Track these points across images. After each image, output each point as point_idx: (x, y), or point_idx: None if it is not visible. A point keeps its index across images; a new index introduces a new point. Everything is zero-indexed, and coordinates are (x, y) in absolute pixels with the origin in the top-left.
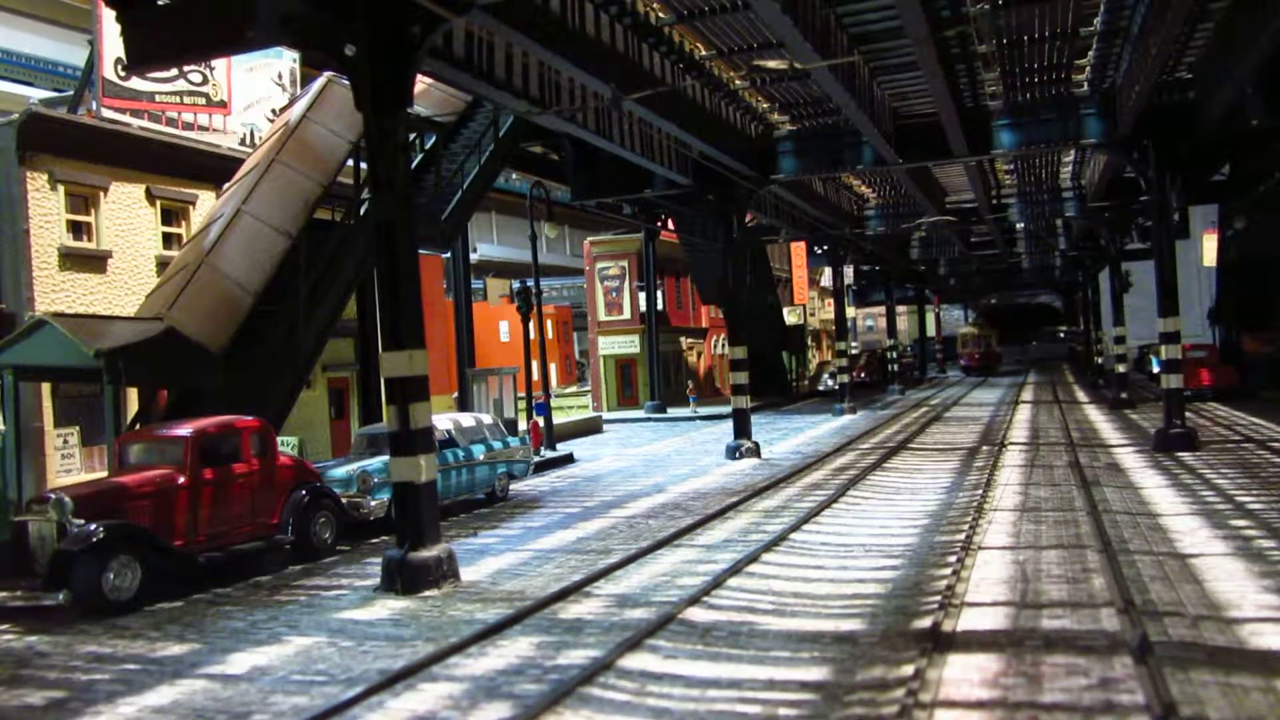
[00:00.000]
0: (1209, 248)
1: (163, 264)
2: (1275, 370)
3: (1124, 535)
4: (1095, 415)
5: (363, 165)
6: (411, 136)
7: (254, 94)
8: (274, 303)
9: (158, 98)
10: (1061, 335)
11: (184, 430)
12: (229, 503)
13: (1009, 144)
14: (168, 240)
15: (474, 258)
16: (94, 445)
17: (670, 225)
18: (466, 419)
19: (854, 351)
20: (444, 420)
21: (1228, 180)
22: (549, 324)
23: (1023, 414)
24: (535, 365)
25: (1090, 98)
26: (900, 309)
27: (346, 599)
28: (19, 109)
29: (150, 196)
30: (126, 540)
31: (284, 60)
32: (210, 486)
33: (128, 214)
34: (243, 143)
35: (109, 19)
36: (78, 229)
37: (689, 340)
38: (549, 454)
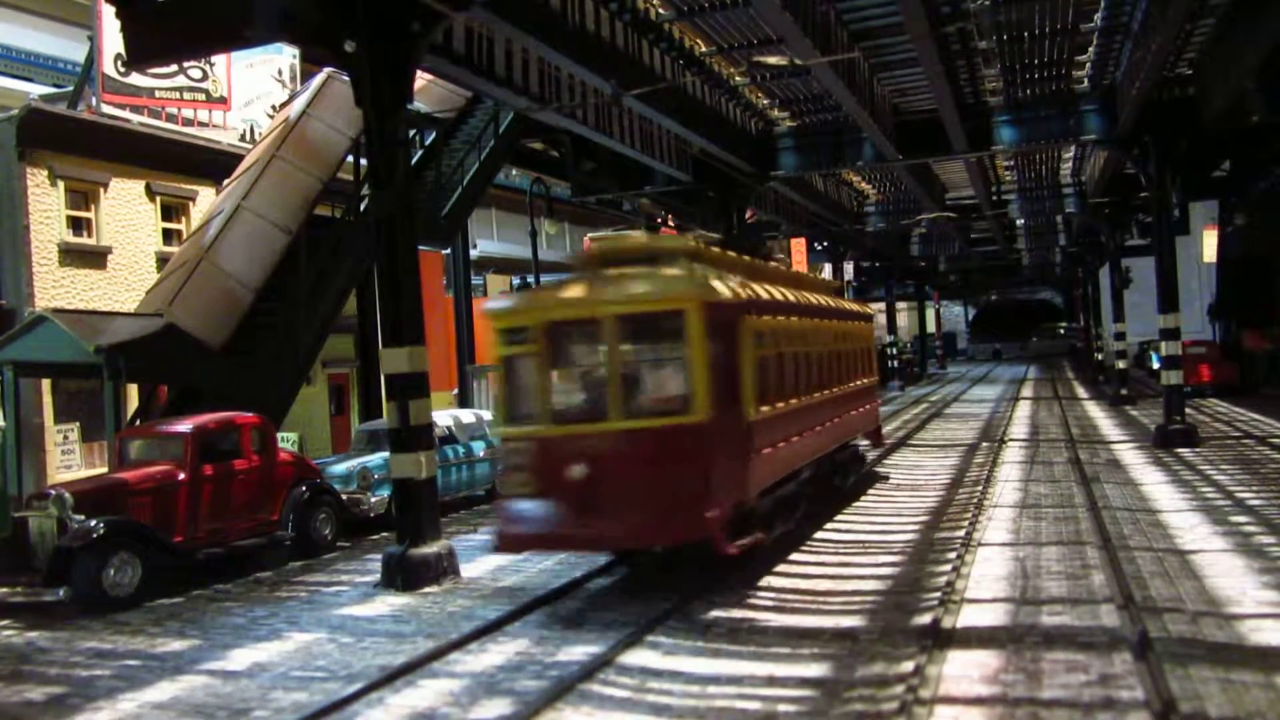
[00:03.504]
0: (1209, 244)
1: (163, 260)
2: (1275, 366)
3: (1124, 531)
4: (1095, 411)
5: (363, 161)
6: (411, 133)
7: (254, 90)
8: (274, 299)
9: (157, 93)
10: (1062, 331)
11: (184, 426)
12: (229, 499)
13: (1009, 140)
14: (168, 236)
15: (474, 254)
16: (94, 441)
17: (670, 221)
18: (467, 415)
19: None
20: (444, 417)
21: (1228, 176)
22: None
23: (1023, 410)
24: None
25: (1091, 94)
26: (900, 305)
27: (347, 595)
28: (19, 105)
29: (150, 192)
30: (127, 536)
31: (284, 56)
32: (210, 483)
33: (128, 210)
34: (243, 139)
35: (109, 15)
36: (78, 225)
37: None
38: None
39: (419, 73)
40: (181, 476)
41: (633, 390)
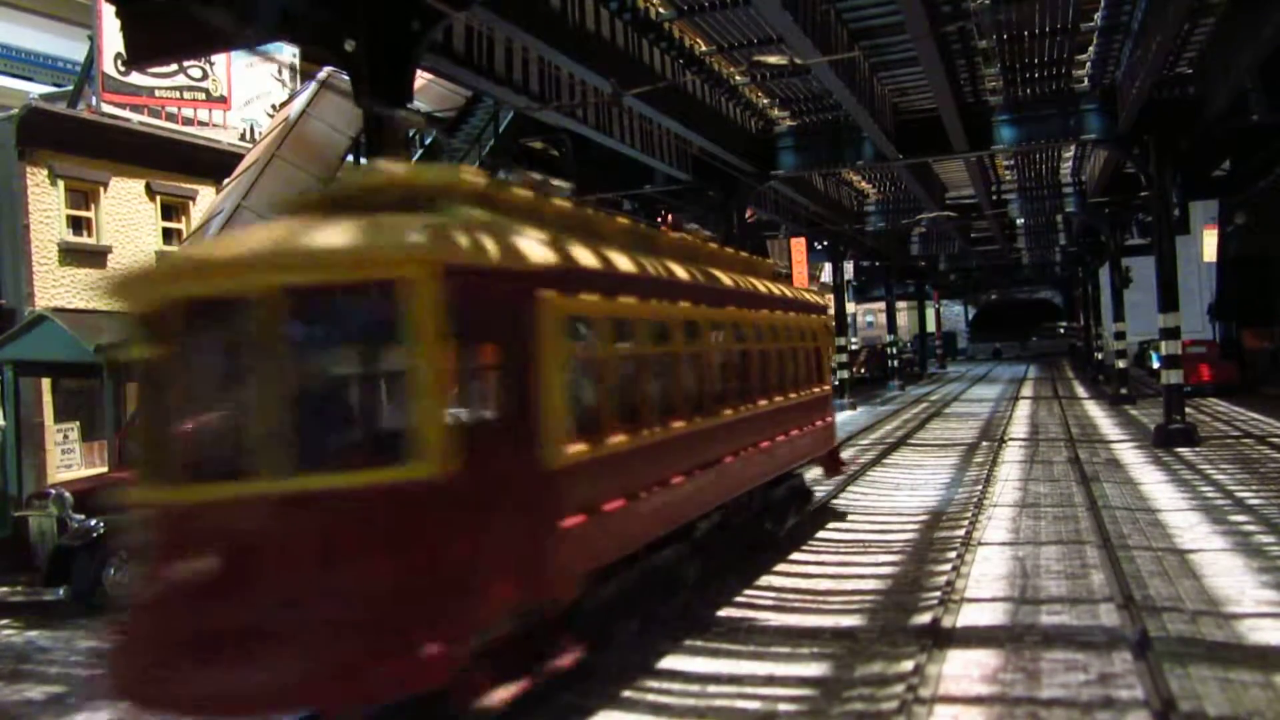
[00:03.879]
0: (1209, 243)
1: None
2: (1275, 366)
3: (1123, 531)
4: (1095, 411)
5: (363, 161)
6: (411, 132)
7: (254, 89)
8: None
9: (157, 93)
10: (1061, 331)
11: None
12: None
13: (1009, 139)
14: (168, 235)
15: None
16: (94, 440)
17: (670, 220)
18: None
19: (854, 347)
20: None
21: (1228, 176)
22: None
23: (1022, 410)
24: None
25: (1091, 93)
26: (900, 305)
27: None
28: (19, 104)
29: (150, 192)
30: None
31: (284, 55)
32: None
33: (128, 209)
34: (243, 138)
35: (109, 15)
36: (78, 224)
37: None
38: None
39: (419, 71)
40: None
41: (312, 423)
